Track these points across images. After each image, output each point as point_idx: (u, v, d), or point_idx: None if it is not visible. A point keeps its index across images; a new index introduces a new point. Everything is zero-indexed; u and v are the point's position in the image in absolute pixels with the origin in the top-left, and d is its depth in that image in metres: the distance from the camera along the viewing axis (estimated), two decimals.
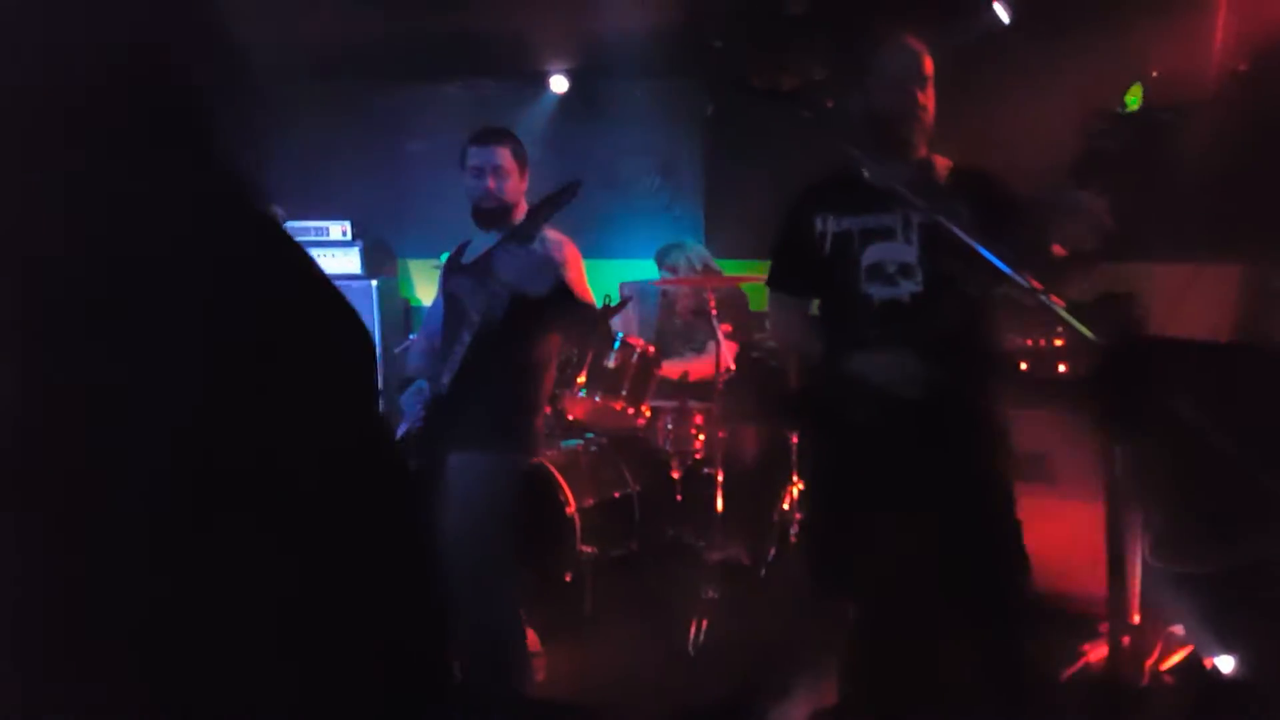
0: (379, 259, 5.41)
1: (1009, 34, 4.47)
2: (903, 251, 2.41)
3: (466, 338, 2.54)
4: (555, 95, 5.51)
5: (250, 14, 4.14)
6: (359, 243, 5.23)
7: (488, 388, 2.63)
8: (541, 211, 2.43)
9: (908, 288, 2.41)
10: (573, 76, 5.44)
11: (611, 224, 5.61)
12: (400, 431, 2.77)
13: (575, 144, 5.58)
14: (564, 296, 2.53)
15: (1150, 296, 4.03)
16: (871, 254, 2.44)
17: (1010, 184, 2.47)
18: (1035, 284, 1.89)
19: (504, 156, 2.73)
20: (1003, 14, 4.42)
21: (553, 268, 2.49)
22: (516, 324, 2.58)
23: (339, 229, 5.24)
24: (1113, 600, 3.30)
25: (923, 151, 2.49)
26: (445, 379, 2.60)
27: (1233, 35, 4.03)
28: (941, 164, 2.51)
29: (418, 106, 5.46)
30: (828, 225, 2.51)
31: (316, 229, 5.23)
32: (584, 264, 2.81)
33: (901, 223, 2.41)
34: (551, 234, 2.65)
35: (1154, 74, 4.14)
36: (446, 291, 2.85)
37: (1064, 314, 1.65)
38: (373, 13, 4.58)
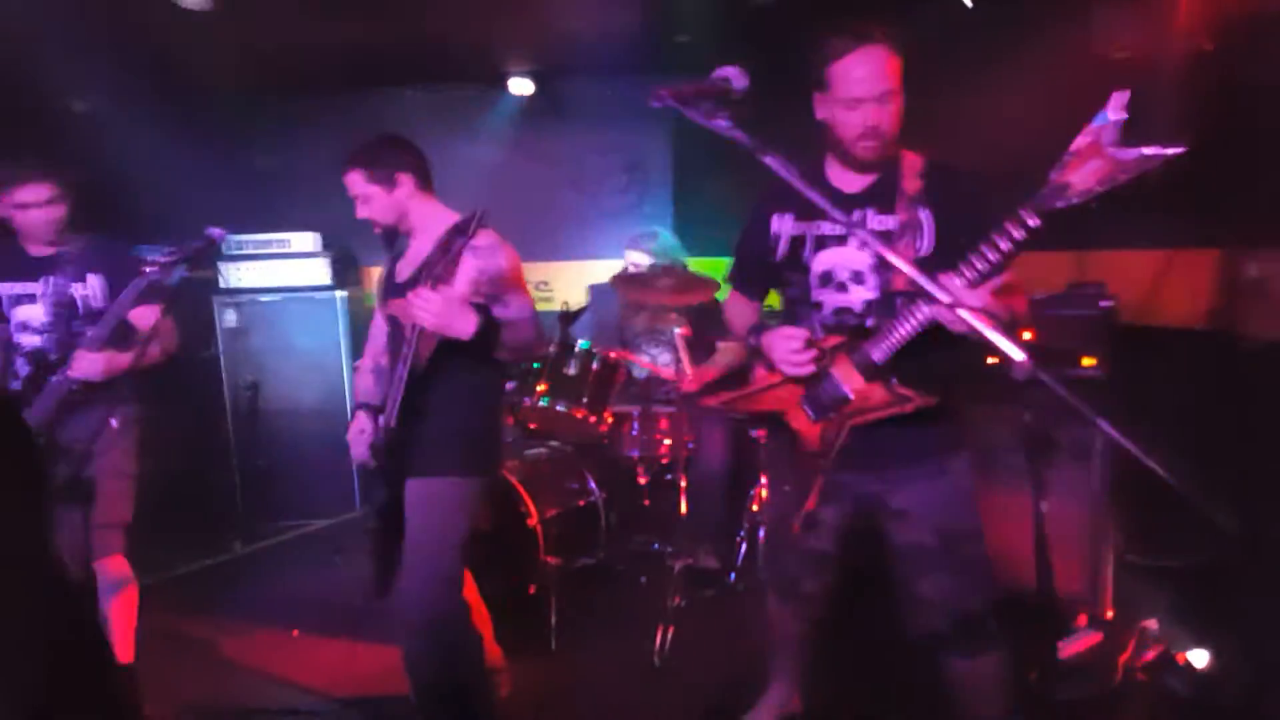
0: (346, 270, 5.33)
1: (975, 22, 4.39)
2: (855, 258, 2.31)
3: (402, 371, 2.46)
4: (516, 97, 5.44)
5: (212, 30, 4.08)
6: (326, 253, 5.16)
7: (434, 417, 2.57)
8: (451, 247, 2.32)
9: (860, 294, 2.32)
10: (536, 77, 5.38)
11: (580, 224, 5.57)
12: (355, 461, 2.75)
13: (540, 145, 5.53)
14: (491, 330, 2.42)
15: (1122, 284, 3.97)
16: (823, 260, 2.35)
17: (981, 189, 2.28)
18: (963, 303, 1.78)
19: (356, 182, 2.62)
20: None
21: (472, 306, 2.38)
22: (450, 355, 2.50)
23: (305, 240, 5.17)
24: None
25: (885, 154, 2.27)
26: (392, 412, 2.53)
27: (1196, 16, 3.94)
28: (909, 161, 2.30)
29: (379, 112, 5.40)
30: (783, 227, 2.41)
31: (280, 241, 5.15)
32: (521, 265, 2.67)
33: (864, 225, 2.29)
34: (483, 239, 2.45)
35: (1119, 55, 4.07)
36: (386, 313, 2.78)
37: (993, 337, 1.53)
38: (331, 21, 4.53)
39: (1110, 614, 3.41)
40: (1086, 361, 3.64)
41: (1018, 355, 1.38)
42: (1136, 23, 4.00)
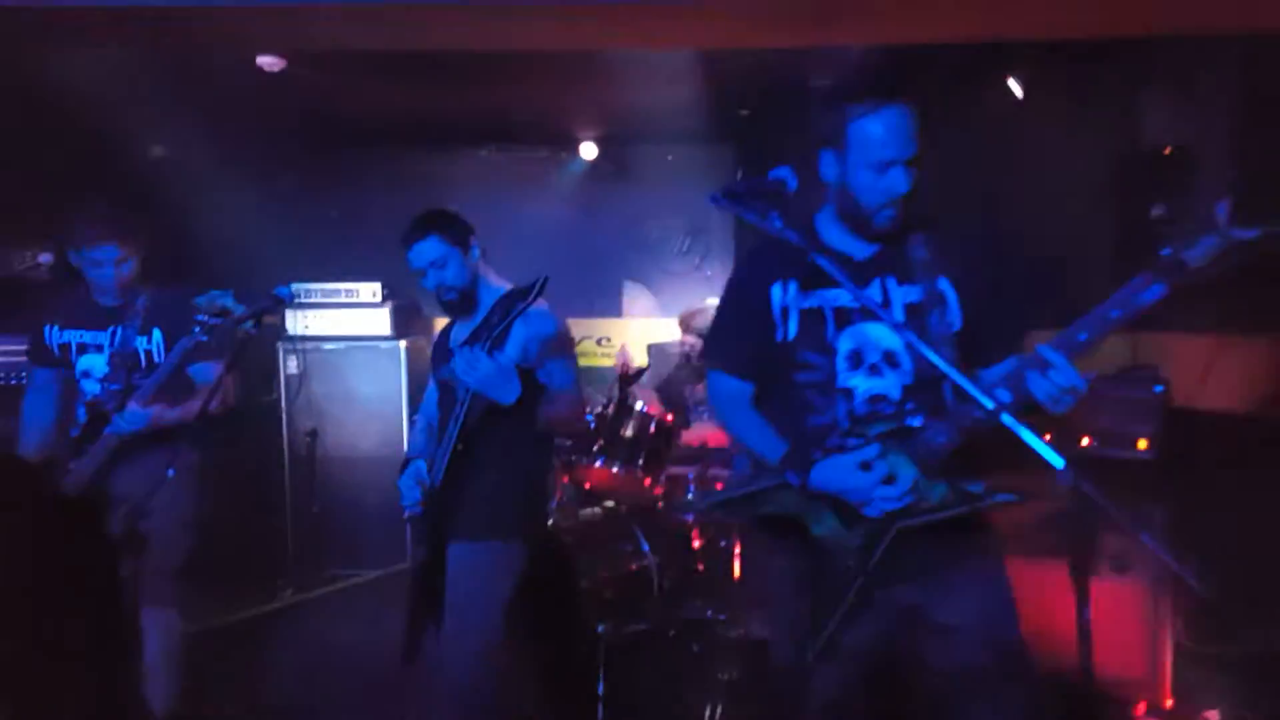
0: (408, 320, 5.41)
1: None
2: (886, 335, 2.03)
3: (453, 431, 2.52)
4: (585, 160, 5.59)
5: (290, 88, 4.22)
6: (389, 304, 5.25)
7: (479, 481, 2.61)
8: (508, 314, 2.38)
9: (897, 379, 2.03)
10: (603, 143, 5.53)
11: (643, 284, 5.70)
12: (404, 514, 2.77)
13: (606, 207, 5.69)
14: (534, 398, 2.48)
15: (1176, 368, 3.94)
16: (850, 337, 2.05)
17: (1000, 251, 2.15)
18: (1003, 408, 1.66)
19: (433, 247, 2.65)
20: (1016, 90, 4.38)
21: (518, 373, 2.46)
22: (497, 419, 2.55)
23: (369, 290, 5.26)
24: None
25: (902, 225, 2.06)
26: (438, 471, 2.58)
27: None
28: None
29: (450, 170, 5.56)
30: (789, 299, 2.09)
31: (347, 291, 5.26)
32: (571, 337, 2.76)
33: (885, 297, 2.05)
34: (536, 307, 2.49)
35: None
36: (437, 377, 2.84)
37: (1034, 444, 1.43)
38: (406, 84, 4.69)
39: (1170, 702, 3.33)
40: (1140, 444, 3.63)
41: (1058, 463, 1.36)
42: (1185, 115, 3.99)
